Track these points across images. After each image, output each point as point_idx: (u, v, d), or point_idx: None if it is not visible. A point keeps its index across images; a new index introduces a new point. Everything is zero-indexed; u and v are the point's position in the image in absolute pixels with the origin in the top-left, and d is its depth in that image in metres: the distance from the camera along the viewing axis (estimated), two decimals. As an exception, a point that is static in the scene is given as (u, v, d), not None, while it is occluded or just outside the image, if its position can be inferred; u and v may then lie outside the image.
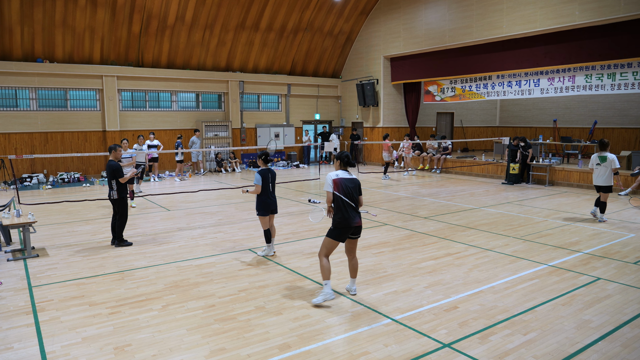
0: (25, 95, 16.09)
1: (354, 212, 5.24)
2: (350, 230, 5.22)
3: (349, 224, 5.18)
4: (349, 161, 5.40)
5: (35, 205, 10.62)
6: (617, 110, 19.52)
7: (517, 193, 13.29)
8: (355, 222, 5.22)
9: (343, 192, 5.19)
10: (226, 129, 19.63)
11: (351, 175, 5.34)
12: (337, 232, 5.21)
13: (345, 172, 5.33)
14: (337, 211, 5.21)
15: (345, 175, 5.29)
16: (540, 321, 4.81)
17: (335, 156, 5.51)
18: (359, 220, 5.26)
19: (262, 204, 7.06)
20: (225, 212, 10.75)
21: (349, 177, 5.30)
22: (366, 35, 21.32)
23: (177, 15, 17.30)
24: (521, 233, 8.54)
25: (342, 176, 5.27)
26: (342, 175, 5.27)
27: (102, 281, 6.11)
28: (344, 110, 23.26)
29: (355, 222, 5.21)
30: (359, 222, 5.26)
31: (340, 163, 5.42)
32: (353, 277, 5.53)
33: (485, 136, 24.17)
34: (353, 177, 5.33)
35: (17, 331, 4.64)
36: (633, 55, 12.92)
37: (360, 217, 5.31)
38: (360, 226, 5.30)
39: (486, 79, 17.45)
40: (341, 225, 5.18)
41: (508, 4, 15.47)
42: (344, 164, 5.40)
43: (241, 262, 6.90)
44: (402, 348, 4.26)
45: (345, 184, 5.22)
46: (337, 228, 5.20)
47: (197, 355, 4.14)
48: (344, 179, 5.25)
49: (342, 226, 5.19)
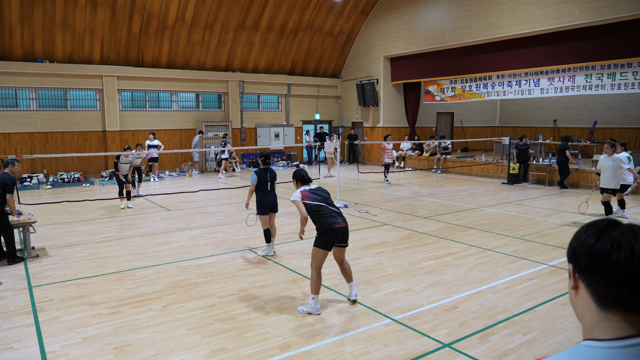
0: (25, 95, 16.09)
1: (334, 213, 5.09)
2: (336, 235, 4.99)
3: (332, 227, 4.96)
4: (303, 177, 5.40)
5: (35, 205, 10.62)
6: (617, 110, 19.52)
7: (517, 193, 13.29)
8: (338, 224, 5.00)
9: (313, 199, 5.14)
10: (226, 129, 19.63)
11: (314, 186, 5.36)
12: (323, 239, 4.99)
13: (307, 186, 5.33)
14: (316, 219, 5.07)
15: (308, 187, 5.31)
16: (540, 321, 4.81)
17: (292, 176, 5.53)
18: (341, 221, 5.05)
19: (260, 203, 7.09)
20: (225, 212, 10.74)
21: (313, 187, 5.33)
22: (366, 35, 21.31)
23: (177, 15, 17.29)
24: (521, 233, 8.54)
25: (307, 188, 5.29)
26: (306, 188, 5.29)
27: (102, 281, 6.11)
28: (344, 110, 23.26)
29: (337, 224, 5.00)
30: (342, 224, 5.04)
31: (296, 182, 5.43)
32: (349, 281, 5.32)
33: (485, 136, 24.17)
34: (317, 187, 5.36)
35: (17, 331, 4.64)
36: (633, 55, 12.91)
37: (343, 219, 5.11)
38: (345, 230, 5.07)
39: (486, 79, 17.45)
40: (324, 230, 4.98)
41: (508, 4, 15.47)
42: (300, 181, 5.40)
43: (241, 262, 6.90)
44: (402, 348, 4.26)
45: (312, 192, 5.23)
46: (321, 235, 5.01)
47: (197, 355, 4.14)
48: (310, 189, 5.26)
49: (326, 231, 4.98)
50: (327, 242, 5.00)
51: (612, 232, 1.09)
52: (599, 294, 1.09)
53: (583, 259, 1.11)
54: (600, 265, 1.07)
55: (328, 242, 5.00)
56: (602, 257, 1.07)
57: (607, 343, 1.03)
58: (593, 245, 1.09)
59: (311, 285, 5.04)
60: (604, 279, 1.07)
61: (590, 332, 1.10)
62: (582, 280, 1.12)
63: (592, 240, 1.10)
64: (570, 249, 1.17)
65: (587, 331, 1.12)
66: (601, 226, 1.12)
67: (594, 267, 1.08)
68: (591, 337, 1.08)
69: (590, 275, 1.09)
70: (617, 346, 1.01)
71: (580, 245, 1.13)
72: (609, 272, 1.06)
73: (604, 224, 1.13)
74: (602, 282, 1.07)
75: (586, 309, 1.12)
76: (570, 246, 1.17)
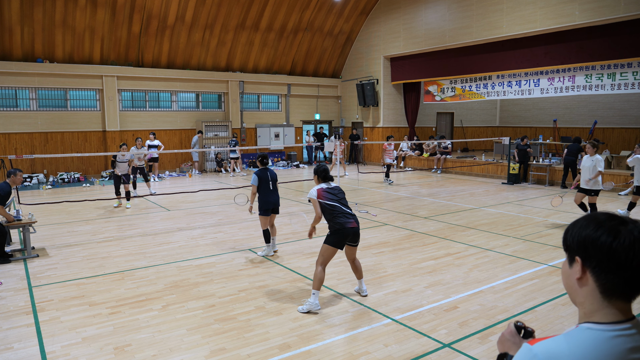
0: (25, 95, 16.09)
1: (347, 214, 5.20)
2: (348, 235, 5.13)
3: (344, 226, 5.09)
4: (326, 175, 5.43)
5: (35, 205, 10.61)
6: (617, 110, 19.52)
7: (517, 193, 13.29)
8: (350, 224, 5.13)
9: (328, 199, 5.21)
10: (226, 129, 19.63)
11: (332, 184, 5.42)
12: (335, 237, 5.11)
13: (325, 184, 5.37)
14: (329, 217, 5.19)
15: (326, 185, 5.36)
16: (540, 321, 4.81)
17: (313, 171, 5.57)
18: (353, 221, 5.18)
19: (263, 203, 7.10)
20: (225, 212, 10.74)
21: (332, 185, 5.38)
22: (366, 35, 21.32)
23: (177, 15, 17.30)
24: (521, 233, 8.54)
25: (324, 187, 5.33)
26: (324, 186, 5.34)
27: (102, 281, 6.11)
28: (344, 110, 23.26)
29: (349, 224, 5.12)
30: (353, 224, 5.17)
31: (317, 178, 5.46)
32: (360, 277, 5.51)
33: (485, 136, 24.17)
34: (335, 186, 5.41)
35: (17, 331, 4.64)
36: (633, 55, 12.91)
37: (355, 219, 5.25)
38: (357, 230, 5.21)
39: (486, 79, 17.45)
40: (336, 229, 5.10)
41: (508, 4, 15.47)
42: (321, 178, 5.43)
43: (241, 262, 6.90)
44: (402, 348, 4.26)
45: (329, 192, 5.28)
46: (333, 234, 5.13)
47: (197, 355, 4.14)
48: (326, 188, 5.31)
49: (338, 230, 5.10)
50: (337, 241, 5.12)
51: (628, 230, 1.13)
52: (608, 288, 1.17)
53: (596, 256, 1.15)
54: (617, 265, 1.12)
55: (338, 241, 5.13)
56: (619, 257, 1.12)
57: (608, 326, 1.13)
58: (610, 244, 1.14)
59: (314, 280, 5.11)
60: (617, 277, 1.13)
61: (590, 316, 1.18)
62: (591, 274, 1.17)
63: (609, 239, 1.14)
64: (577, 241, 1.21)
65: (586, 315, 1.19)
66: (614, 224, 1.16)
67: (610, 265, 1.14)
68: (591, 320, 1.17)
69: (604, 272, 1.15)
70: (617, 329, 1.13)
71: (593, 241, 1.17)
72: (624, 270, 1.12)
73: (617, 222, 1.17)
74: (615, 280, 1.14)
75: (589, 297, 1.19)
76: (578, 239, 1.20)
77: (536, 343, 1.17)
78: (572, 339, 1.13)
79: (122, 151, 11.22)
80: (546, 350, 1.14)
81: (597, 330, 1.13)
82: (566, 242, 1.24)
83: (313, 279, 5.12)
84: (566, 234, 1.25)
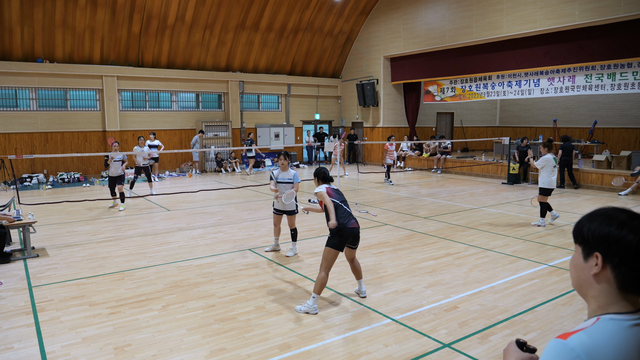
0: (25, 95, 16.09)
1: (350, 215, 5.25)
2: (348, 236, 5.14)
3: (345, 227, 5.11)
4: (325, 177, 5.55)
5: (35, 205, 10.61)
6: (617, 110, 19.52)
7: (517, 193, 13.29)
8: (351, 224, 5.17)
9: (335, 198, 5.31)
10: (226, 129, 19.63)
11: (334, 186, 5.55)
12: (335, 239, 5.10)
13: (328, 185, 5.52)
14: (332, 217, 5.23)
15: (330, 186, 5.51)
16: (540, 321, 4.81)
17: (313, 174, 5.68)
18: (354, 222, 5.23)
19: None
20: (225, 212, 10.74)
21: (334, 187, 5.51)
22: (366, 35, 21.31)
23: (177, 15, 17.30)
24: (521, 233, 8.54)
25: (331, 186, 5.48)
26: (331, 186, 5.49)
27: (102, 281, 6.11)
28: (344, 110, 23.26)
29: (351, 224, 5.17)
30: (354, 224, 5.21)
31: (318, 180, 5.58)
32: (359, 278, 5.52)
33: (485, 136, 24.17)
34: (336, 187, 5.56)
35: (17, 331, 4.64)
36: (633, 55, 12.91)
37: (356, 221, 5.29)
38: (357, 231, 5.22)
39: (486, 79, 17.45)
40: (338, 229, 5.11)
41: (508, 4, 15.47)
42: (322, 180, 5.54)
43: (241, 262, 6.90)
44: (402, 348, 4.26)
45: (335, 191, 5.42)
46: (334, 235, 5.13)
47: (197, 355, 4.14)
48: (333, 188, 5.46)
49: (339, 230, 5.11)
50: (339, 242, 5.12)
51: None
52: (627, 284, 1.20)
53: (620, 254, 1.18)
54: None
55: (340, 242, 5.13)
56: None
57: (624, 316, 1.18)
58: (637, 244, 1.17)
59: (316, 284, 5.08)
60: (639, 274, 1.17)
61: (605, 308, 1.22)
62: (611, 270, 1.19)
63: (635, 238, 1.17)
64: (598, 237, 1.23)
65: (600, 308, 1.23)
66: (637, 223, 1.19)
67: (635, 264, 1.17)
68: (608, 312, 1.21)
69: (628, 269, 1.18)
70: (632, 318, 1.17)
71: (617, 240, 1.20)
72: None
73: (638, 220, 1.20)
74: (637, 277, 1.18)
75: (604, 291, 1.22)
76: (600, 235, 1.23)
77: (569, 337, 1.17)
78: (601, 330, 1.17)
79: (113, 151, 11.17)
80: (581, 342, 1.14)
81: (619, 321, 1.17)
82: (581, 236, 1.26)
83: (315, 283, 5.10)
84: (581, 228, 1.26)
